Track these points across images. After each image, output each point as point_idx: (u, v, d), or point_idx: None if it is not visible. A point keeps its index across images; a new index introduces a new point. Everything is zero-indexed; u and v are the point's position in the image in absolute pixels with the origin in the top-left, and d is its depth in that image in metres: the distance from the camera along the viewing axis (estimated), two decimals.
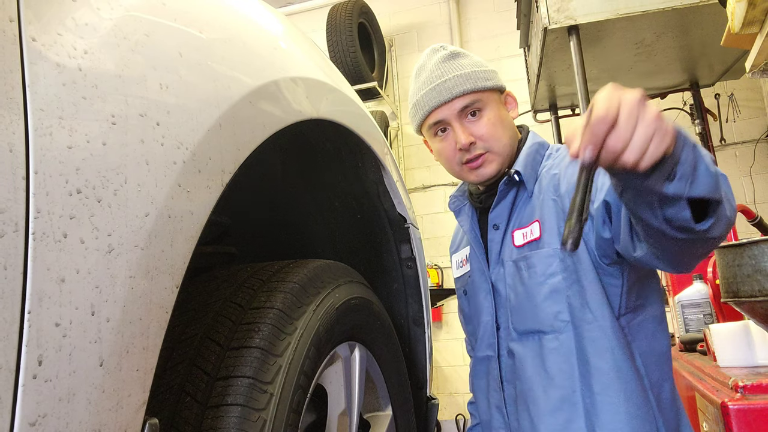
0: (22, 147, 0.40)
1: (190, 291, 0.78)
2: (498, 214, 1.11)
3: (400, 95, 4.62)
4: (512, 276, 1.07)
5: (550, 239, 1.02)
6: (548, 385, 0.99)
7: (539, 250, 1.03)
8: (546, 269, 1.02)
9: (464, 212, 1.21)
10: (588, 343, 0.97)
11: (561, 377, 0.98)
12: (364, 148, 1.07)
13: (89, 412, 0.42)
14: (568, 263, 1.00)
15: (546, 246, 1.02)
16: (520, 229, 1.08)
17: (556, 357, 0.99)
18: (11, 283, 0.38)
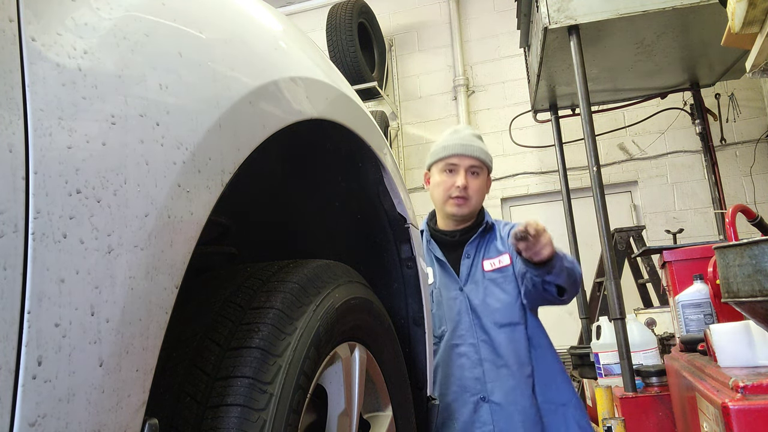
0: (22, 147, 0.40)
1: (189, 291, 0.78)
2: (471, 248, 1.75)
3: (400, 95, 4.62)
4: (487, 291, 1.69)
5: (513, 267, 1.70)
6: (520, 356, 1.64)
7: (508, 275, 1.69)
8: (515, 287, 1.69)
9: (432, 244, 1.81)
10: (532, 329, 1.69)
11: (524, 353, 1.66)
12: (364, 148, 1.07)
13: (89, 412, 0.42)
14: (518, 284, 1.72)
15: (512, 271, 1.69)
16: (488, 259, 1.72)
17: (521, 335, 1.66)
18: (11, 284, 0.38)
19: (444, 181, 1.72)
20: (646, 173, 4.16)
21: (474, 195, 1.71)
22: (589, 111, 2.51)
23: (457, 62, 4.49)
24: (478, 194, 1.72)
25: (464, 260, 1.72)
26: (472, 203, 1.71)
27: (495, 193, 4.22)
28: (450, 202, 1.71)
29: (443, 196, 1.72)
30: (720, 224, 3.63)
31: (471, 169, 1.70)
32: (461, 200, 1.69)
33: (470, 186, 1.69)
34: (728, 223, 1.92)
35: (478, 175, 1.72)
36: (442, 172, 1.73)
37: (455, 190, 1.69)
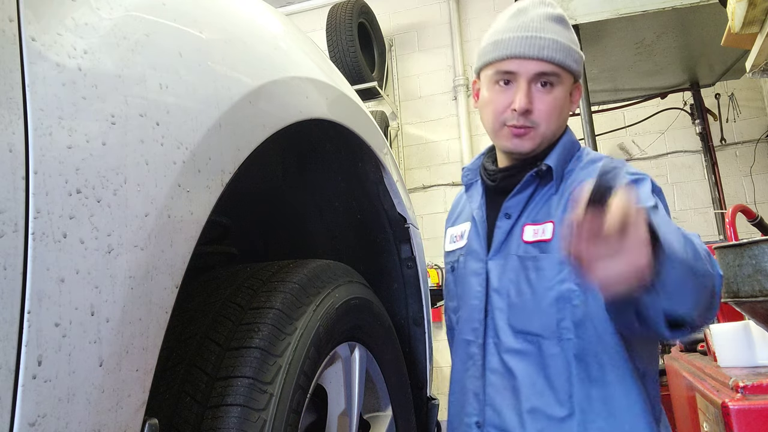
0: (22, 147, 0.40)
1: (189, 291, 0.78)
2: (514, 204, 1.05)
3: (400, 95, 4.62)
4: (516, 272, 1.02)
5: (560, 244, 0.96)
6: (546, 387, 0.97)
7: (550, 254, 0.98)
8: (556, 275, 0.97)
9: (475, 188, 1.15)
10: (590, 355, 0.95)
11: (560, 381, 0.96)
12: (364, 148, 1.07)
13: (89, 412, 0.42)
14: None
15: (556, 251, 0.97)
16: (532, 224, 1.02)
17: (556, 362, 0.96)
18: (11, 283, 0.38)
19: (496, 100, 1.03)
20: (646, 173, 4.17)
21: (545, 119, 1.01)
22: (589, 111, 2.51)
23: (457, 62, 4.49)
24: (551, 117, 1.02)
25: (501, 220, 1.06)
26: (539, 133, 1.02)
27: None
28: (505, 132, 1.03)
29: (494, 125, 1.05)
30: (720, 224, 3.63)
31: (540, 77, 1.01)
32: (521, 131, 1.01)
33: (538, 105, 1.01)
34: (728, 223, 1.92)
35: (553, 86, 1.01)
36: (492, 83, 1.05)
37: (511, 116, 1.01)
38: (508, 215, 1.06)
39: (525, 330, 0.99)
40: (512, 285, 1.02)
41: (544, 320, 0.97)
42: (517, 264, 1.02)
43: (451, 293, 1.18)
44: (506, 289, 1.03)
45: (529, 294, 1.00)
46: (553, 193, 1.03)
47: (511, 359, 1.00)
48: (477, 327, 1.05)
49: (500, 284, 1.04)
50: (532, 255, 1.01)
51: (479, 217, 1.10)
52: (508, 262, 1.04)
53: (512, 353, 1.00)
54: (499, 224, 1.06)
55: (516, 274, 1.02)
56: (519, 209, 1.05)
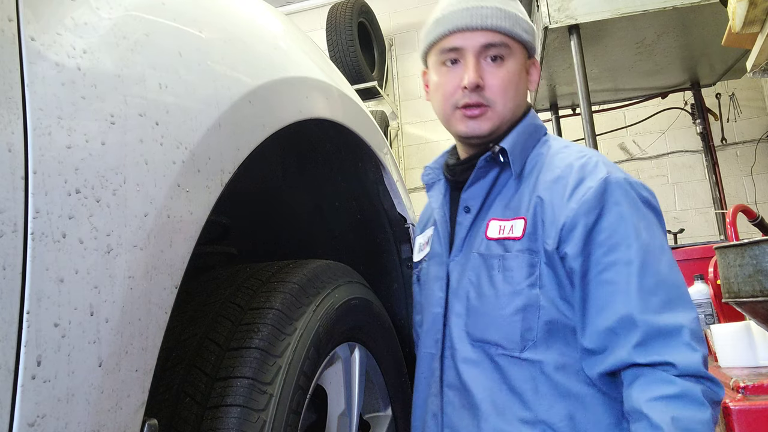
0: (21, 147, 0.40)
1: (189, 291, 0.78)
2: (472, 195, 0.93)
3: (400, 95, 4.62)
4: (477, 271, 0.89)
5: (532, 245, 0.85)
6: (510, 403, 0.83)
7: (519, 254, 0.86)
8: (525, 278, 0.84)
9: (437, 188, 1.03)
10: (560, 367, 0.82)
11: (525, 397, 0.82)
12: (364, 147, 1.07)
13: (88, 412, 0.41)
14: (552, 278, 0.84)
15: (527, 251, 0.85)
16: (498, 220, 0.90)
17: (520, 376, 0.83)
18: (10, 284, 0.38)
19: (445, 82, 0.93)
20: (647, 173, 4.16)
21: (500, 94, 0.90)
22: (589, 111, 2.51)
23: None
24: (506, 92, 0.91)
25: (461, 215, 0.95)
26: (497, 113, 0.91)
27: None
28: (458, 116, 0.92)
29: (446, 110, 0.94)
30: (721, 224, 3.63)
31: (488, 51, 0.91)
32: (475, 111, 0.90)
33: (489, 80, 0.90)
34: (729, 223, 1.92)
35: (504, 60, 0.91)
36: (439, 65, 0.95)
37: (462, 95, 0.90)
38: (467, 209, 0.94)
39: (483, 338, 0.87)
40: (472, 287, 0.89)
41: (506, 329, 0.84)
42: (478, 262, 0.89)
43: (417, 306, 1.07)
44: (465, 291, 0.90)
45: (492, 297, 0.86)
46: (516, 184, 0.91)
47: (467, 372, 0.87)
48: (438, 338, 0.92)
49: (459, 285, 0.91)
50: (497, 253, 0.88)
51: (440, 217, 0.99)
52: (469, 260, 0.91)
53: (469, 364, 0.87)
54: (459, 220, 0.94)
55: (477, 274, 0.89)
56: (479, 201, 0.93)
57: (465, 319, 0.89)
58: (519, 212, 0.89)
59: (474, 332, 0.88)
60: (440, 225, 0.99)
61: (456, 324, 0.90)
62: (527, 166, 0.93)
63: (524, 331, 0.84)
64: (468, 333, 0.88)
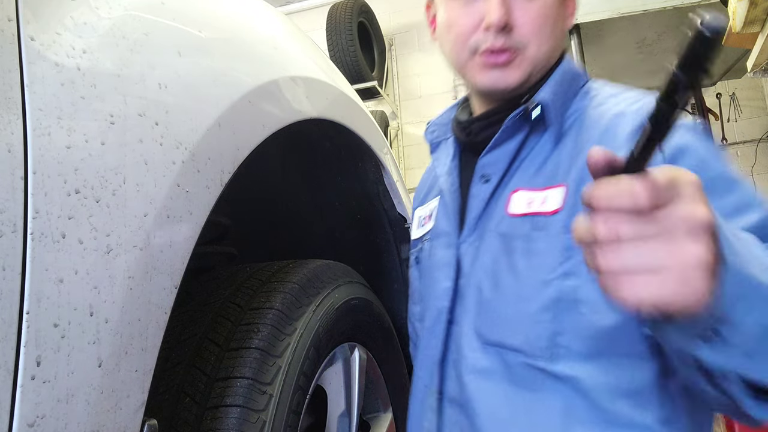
0: (21, 147, 0.40)
1: (189, 291, 0.78)
2: (493, 161, 0.71)
3: (400, 95, 4.62)
4: (495, 256, 0.69)
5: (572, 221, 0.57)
6: None
7: (551, 234, 0.64)
8: (559, 265, 0.62)
9: (444, 149, 0.83)
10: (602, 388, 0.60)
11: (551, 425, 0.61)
12: (364, 148, 1.07)
13: (88, 413, 0.41)
14: None
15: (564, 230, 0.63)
16: (527, 190, 0.68)
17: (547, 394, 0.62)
18: (9, 284, 0.37)
19: (458, 18, 0.72)
20: None
21: (534, 34, 0.70)
22: None
23: None
24: (542, 31, 0.71)
25: (477, 186, 0.74)
26: (528, 58, 0.71)
27: None
28: (477, 63, 0.72)
29: (461, 56, 0.73)
30: None
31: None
32: (501, 57, 0.70)
33: (520, 17, 0.69)
34: None
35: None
36: None
37: (483, 37, 0.70)
38: (485, 177, 0.72)
39: (498, 341, 0.66)
40: (486, 275, 0.69)
41: (530, 330, 0.63)
42: (496, 245, 0.69)
43: (415, 295, 0.86)
44: (477, 281, 0.70)
45: (512, 289, 0.66)
46: (552, 146, 0.69)
47: (474, 384, 0.66)
48: (440, 338, 0.73)
49: (471, 274, 0.71)
50: (522, 233, 0.67)
51: (449, 186, 0.78)
52: (483, 242, 0.71)
53: (477, 375, 0.66)
54: (475, 191, 0.73)
55: (494, 259, 0.69)
56: (502, 168, 0.71)
57: (476, 316, 0.69)
58: (555, 179, 0.67)
59: (487, 333, 0.67)
60: (448, 196, 0.78)
61: (464, 322, 0.70)
62: (565, 123, 0.71)
63: (554, 333, 0.62)
64: (479, 333, 0.68)
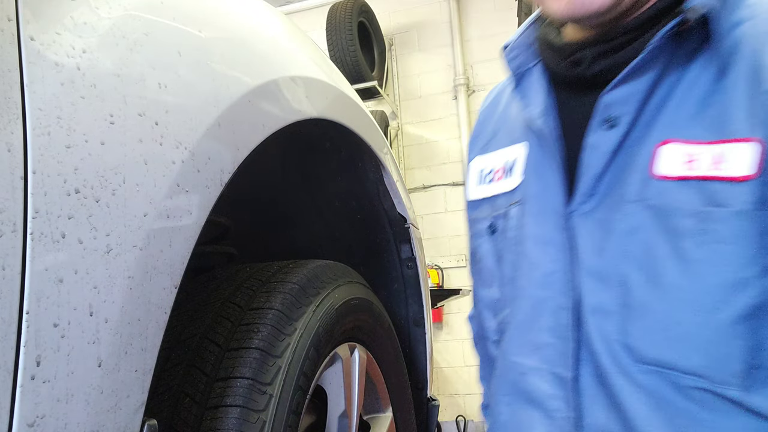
0: (21, 146, 0.40)
1: (189, 291, 0.78)
2: (622, 97, 0.53)
3: (400, 95, 4.62)
4: (647, 238, 0.51)
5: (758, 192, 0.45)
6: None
7: (740, 208, 0.46)
8: (759, 255, 0.46)
9: (531, 80, 0.64)
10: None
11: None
12: (364, 147, 1.07)
13: (87, 413, 0.41)
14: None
15: (763, 203, 0.46)
16: (684, 142, 0.50)
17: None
18: (9, 284, 0.37)
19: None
20: None
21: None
22: None
23: (458, 62, 4.49)
24: None
25: (598, 133, 0.55)
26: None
27: None
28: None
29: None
30: None
31: None
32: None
33: None
34: None
35: None
36: None
37: None
38: (611, 122, 0.54)
39: (664, 360, 0.49)
40: (635, 265, 0.51)
41: (717, 347, 0.47)
42: (647, 222, 0.51)
43: (486, 274, 0.67)
44: (620, 273, 0.52)
45: (684, 288, 0.48)
46: (713, 78, 0.50)
47: (636, 410, 0.49)
48: (551, 343, 0.55)
49: (604, 259, 0.53)
50: (691, 208, 0.48)
51: (549, 132, 0.59)
52: (618, 215, 0.52)
53: (637, 400, 0.49)
54: (594, 140, 0.55)
55: (646, 243, 0.51)
56: (635, 108, 0.53)
57: (622, 322, 0.52)
58: (731, 128, 0.48)
59: (644, 347, 0.50)
60: (550, 145, 0.59)
61: (600, 327, 0.53)
62: (726, 45, 0.51)
63: (752, 353, 0.46)
64: (630, 347, 0.51)
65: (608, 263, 0.53)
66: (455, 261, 4.21)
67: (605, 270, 0.53)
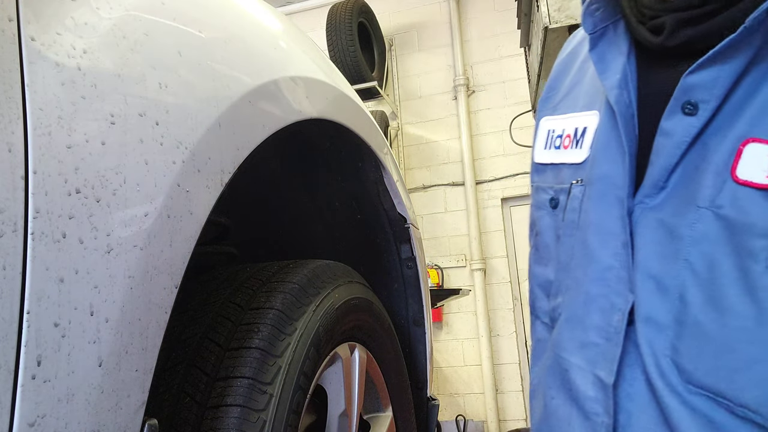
0: (21, 146, 0.40)
1: (189, 291, 0.78)
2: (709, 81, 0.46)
3: (400, 95, 4.62)
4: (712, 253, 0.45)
5: None
6: None
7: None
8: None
9: (610, 41, 0.56)
10: None
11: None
12: (364, 148, 1.07)
13: (88, 412, 0.41)
14: None
15: None
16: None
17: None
18: (10, 283, 0.38)
19: None
20: None
21: None
22: None
23: (458, 62, 4.49)
24: None
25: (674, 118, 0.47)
26: None
27: (495, 193, 4.23)
28: None
29: None
30: None
31: None
32: None
33: None
34: None
35: None
36: None
37: None
38: (692, 107, 0.47)
39: (717, 389, 0.44)
40: (696, 281, 0.46)
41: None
42: (714, 233, 0.45)
43: (543, 250, 0.63)
44: (677, 284, 0.47)
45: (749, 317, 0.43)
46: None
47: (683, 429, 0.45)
48: (598, 344, 0.51)
49: (665, 271, 0.48)
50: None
51: (623, 107, 0.52)
52: (689, 222, 0.46)
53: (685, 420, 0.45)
54: (669, 126, 0.49)
55: (710, 258, 0.45)
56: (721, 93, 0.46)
57: (673, 338, 0.47)
58: None
59: (695, 370, 0.46)
60: (620, 120, 0.52)
61: (650, 339, 0.48)
62: None
63: None
64: (680, 366, 0.46)
65: (668, 272, 0.47)
66: (455, 261, 4.21)
67: (664, 279, 0.48)
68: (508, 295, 4.09)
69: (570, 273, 0.56)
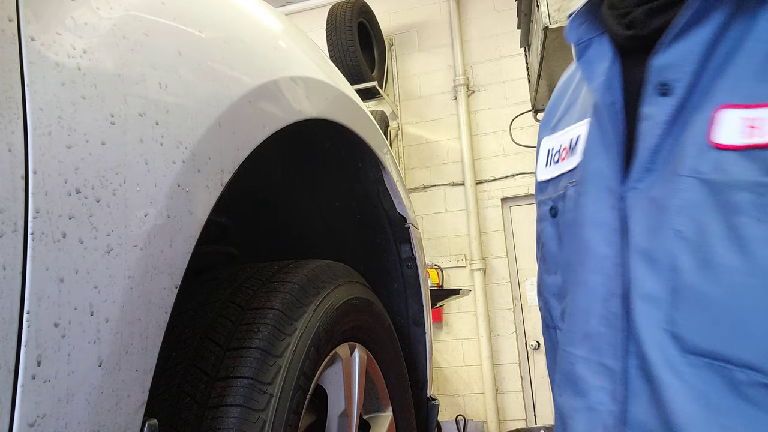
0: (21, 146, 0.40)
1: (189, 291, 0.78)
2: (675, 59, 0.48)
3: (400, 95, 4.62)
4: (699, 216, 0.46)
5: None
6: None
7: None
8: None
9: (596, 50, 0.59)
10: None
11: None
12: (364, 148, 1.07)
13: (88, 412, 0.41)
14: None
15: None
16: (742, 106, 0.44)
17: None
18: (10, 283, 0.38)
19: None
20: None
21: None
22: None
23: (458, 62, 4.49)
24: None
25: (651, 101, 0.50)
26: None
27: (495, 193, 4.23)
28: None
29: None
30: None
31: None
32: None
33: None
34: None
35: None
36: None
37: None
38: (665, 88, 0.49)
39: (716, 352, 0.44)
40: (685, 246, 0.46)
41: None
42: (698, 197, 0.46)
43: (549, 260, 0.64)
44: (668, 254, 0.48)
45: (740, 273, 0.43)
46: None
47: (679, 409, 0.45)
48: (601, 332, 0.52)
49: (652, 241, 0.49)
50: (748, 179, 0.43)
51: (607, 105, 0.55)
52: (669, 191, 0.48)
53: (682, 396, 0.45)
54: (648, 111, 0.50)
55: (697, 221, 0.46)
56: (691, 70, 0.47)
57: (671, 309, 0.47)
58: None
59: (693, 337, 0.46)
60: (606, 118, 0.55)
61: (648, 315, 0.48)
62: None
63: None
64: (678, 336, 0.46)
65: (659, 245, 0.48)
66: (455, 261, 4.21)
67: (655, 252, 0.48)
68: (508, 295, 4.09)
69: (573, 269, 0.57)
